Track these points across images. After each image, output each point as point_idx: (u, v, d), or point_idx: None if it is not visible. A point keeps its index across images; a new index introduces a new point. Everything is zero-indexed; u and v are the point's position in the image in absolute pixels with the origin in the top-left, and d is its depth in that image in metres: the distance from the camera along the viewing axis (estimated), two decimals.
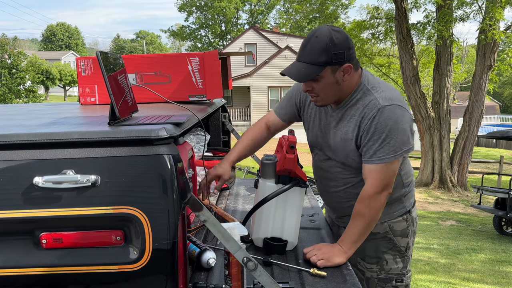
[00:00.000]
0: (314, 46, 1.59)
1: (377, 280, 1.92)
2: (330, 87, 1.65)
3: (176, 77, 2.34)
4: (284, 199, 1.80)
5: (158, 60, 2.37)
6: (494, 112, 37.03)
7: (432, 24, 11.83)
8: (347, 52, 1.60)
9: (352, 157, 1.76)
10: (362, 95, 1.70)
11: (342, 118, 1.74)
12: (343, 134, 1.74)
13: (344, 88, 1.68)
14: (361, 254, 1.88)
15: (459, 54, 22.99)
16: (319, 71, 1.60)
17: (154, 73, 2.34)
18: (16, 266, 1.26)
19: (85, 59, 2.39)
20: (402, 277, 1.93)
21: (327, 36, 1.57)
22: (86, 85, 2.38)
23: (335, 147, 1.79)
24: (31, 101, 21.39)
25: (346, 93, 1.71)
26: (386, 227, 1.89)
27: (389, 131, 1.63)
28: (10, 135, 1.28)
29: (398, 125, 1.64)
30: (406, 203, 1.92)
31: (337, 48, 1.58)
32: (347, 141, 1.73)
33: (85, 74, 2.38)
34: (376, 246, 1.89)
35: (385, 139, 1.63)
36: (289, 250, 1.84)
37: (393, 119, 1.63)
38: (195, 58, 2.33)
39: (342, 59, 1.60)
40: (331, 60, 1.58)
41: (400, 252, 1.92)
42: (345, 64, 1.61)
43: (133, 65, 2.31)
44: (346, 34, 1.62)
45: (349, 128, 1.72)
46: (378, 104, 1.64)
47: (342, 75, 1.64)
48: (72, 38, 68.56)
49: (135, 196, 1.25)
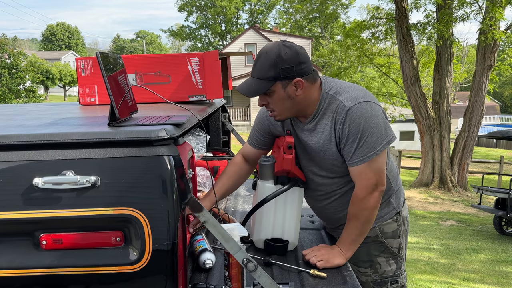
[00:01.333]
0: (264, 62, 1.60)
1: (373, 284, 1.92)
2: (283, 102, 1.65)
3: (176, 77, 2.34)
4: (283, 200, 1.79)
5: (158, 60, 2.37)
6: (494, 112, 37.04)
7: (432, 24, 11.83)
8: (296, 66, 1.60)
9: (337, 165, 1.74)
10: (328, 103, 1.69)
11: (316, 130, 1.73)
12: (321, 146, 1.72)
13: (300, 101, 1.67)
14: (353, 259, 1.85)
15: (459, 54, 22.98)
16: (268, 86, 1.60)
17: (154, 73, 2.34)
18: (16, 267, 1.26)
19: (84, 59, 2.39)
20: (396, 278, 1.93)
21: (275, 52, 1.58)
22: (86, 85, 2.37)
23: (319, 160, 1.77)
24: (31, 101, 21.39)
25: (306, 106, 1.70)
26: (377, 231, 1.88)
27: (362, 130, 1.62)
28: (10, 135, 1.27)
29: (370, 122, 1.63)
30: (395, 203, 1.91)
31: (286, 63, 1.58)
32: (327, 151, 1.72)
33: (85, 74, 2.37)
34: (368, 250, 1.89)
35: (361, 138, 1.63)
36: (289, 251, 1.84)
37: (363, 117, 1.62)
38: (195, 58, 2.32)
39: (291, 74, 1.60)
40: (279, 75, 1.59)
41: (393, 254, 1.92)
42: (295, 79, 1.61)
43: (132, 65, 2.30)
44: (298, 49, 1.61)
45: (325, 138, 1.70)
46: (344, 107, 1.64)
47: (294, 89, 1.63)
48: (72, 38, 68.56)
49: (135, 197, 1.25)
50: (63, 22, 69.04)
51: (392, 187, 1.89)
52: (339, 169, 1.75)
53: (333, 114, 1.67)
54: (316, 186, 1.85)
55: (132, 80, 2.31)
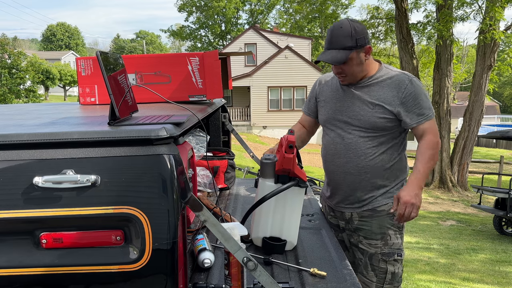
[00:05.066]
0: (341, 36, 1.97)
1: (381, 255, 2.13)
2: (356, 67, 2.02)
3: (176, 77, 2.34)
4: (283, 199, 1.80)
5: (158, 60, 2.37)
6: (494, 112, 37.03)
7: (432, 24, 11.83)
8: (366, 36, 2.01)
9: (380, 122, 2.04)
10: (385, 71, 2.09)
11: (371, 90, 2.07)
12: (375, 101, 2.04)
13: (366, 66, 2.05)
14: (365, 233, 2.15)
15: (459, 54, 22.99)
16: (348, 54, 1.97)
17: (154, 73, 2.34)
18: (16, 266, 1.26)
19: (85, 59, 2.39)
20: (401, 252, 2.15)
21: (349, 26, 1.97)
22: (86, 85, 2.37)
23: (362, 116, 2.07)
24: (31, 101, 21.38)
25: (368, 70, 2.07)
26: (390, 205, 2.10)
27: (421, 94, 2.04)
28: (10, 135, 1.28)
29: (423, 91, 2.09)
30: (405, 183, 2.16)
31: (359, 35, 1.97)
32: (377, 106, 2.04)
33: (85, 74, 2.37)
34: (381, 222, 2.12)
35: (422, 100, 2.03)
36: (289, 250, 1.84)
37: (419, 86, 2.07)
38: (195, 58, 2.33)
39: (363, 43, 1.99)
40: (356, 44, 1.97)
41: (399, 228, 2.16)
42: (366, 46, 2.01)
43: (133, 65, 2.30)
44: (362, 24, 2.04)
45: (382, 95, 2.04)
46: (405, 75, 2.05)
47: (364, 55, 2.02)
48: (72, 38, 68.55)
49: (135, 196, 1.25)
50: (63, 22, 69.03)
51: (405, 169, 2.20)
52: (376, 127, 2.06)
53: (392, 78, 2.05)
54: (342, 145, 2.13)
55: (132, 80, 2.31)
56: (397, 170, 2.15)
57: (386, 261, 2.12)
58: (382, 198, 2.13)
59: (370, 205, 2.14)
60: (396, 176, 2.15)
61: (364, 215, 2.16)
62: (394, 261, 2.13)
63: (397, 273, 2.13)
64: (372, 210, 2.14)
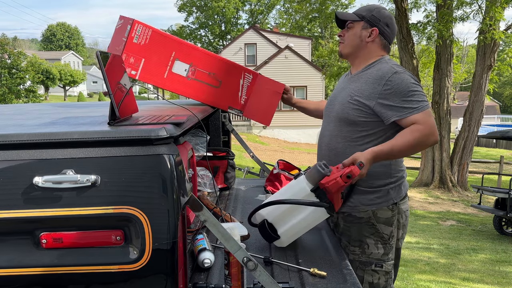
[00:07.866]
0: (366, 6, 2.05)
1: (359, 263, 2.02)
2: (354, 38, 2.02)
3: (226, 85, 2.36)
4: (306, 208, 1.79)
5: (217, 62, 2.32)
6: (494, 112, 37.02)
7: (432, 24, 11.82)
8: (382, 23, 1.99)
9: (352, 115, 1.94)
10: (380, 65, 1.97)
11: (357, 81, 2.00)
12: (354, 93, 1.96)
13: (363, 47, 2.02)
14: (346, 238, 2.04)
15: (459, 54, 23.00)
16: (354, 18, 2.01)
17: (208, 73, 2.29)
18: (16, 266, 1.26)
19: (144, 26, 2.07)
20: (382, 263, 2.01)
21: (379, 7, 2.03)
22: (132, 54, 2.06)
23: (338, 107, 2.01)
24: (31, 101, 21.39)
25: (364, 57, 2.03)
26: (370, 213, 1.99)
27: (407, 87, 1.88)
28: (10, 135, 1.28)
29: (411, 84, 1.89)
30: (393, 195, 2.01)
31: (378, 15, 1.99)
32: (353, 98, 1.95)
33: (137, 42, 2.06)
34: (360, 230, 2.01)
35: (407, 92, 1.87)
36: (289, 250, 1.84)
37: (406, 79, 1.89)
38: (249, 75, 2.42)
39: (374, 22, 1.98)
40: (367, 17, 1.99)
41: (382, 239, 2.01)
42: (374, 28, 1.99)
43: (191, 56, 2.21)
44: (393, 20, 2.04)
45: (362, 87, 1.94)
46: (391, 69, 1.92)
47: (366, 35, 2.00)
48: (72, 38, 68.58)
49: (135, 196, 1.25)
50: (63, 22, 69.09)
51: (391, 180, 2.00)
52: (352, 118, 1.94)
53: (377, 71, 1.94)
54: (324, 137, 2.09)
55: (184, 70, 2.22)
56: (378, 173, 1.95)
57: (363, 270, 2.00)
58: (362, 204, 1.99)
59: (348, 207, 2.00)
60: (377, 178, 1.96)
61: (348, 220, 2.04)
62: (372, 271, 2.00)
63: (376, 284, 2.00)
64: (353, 216, 2.01)
